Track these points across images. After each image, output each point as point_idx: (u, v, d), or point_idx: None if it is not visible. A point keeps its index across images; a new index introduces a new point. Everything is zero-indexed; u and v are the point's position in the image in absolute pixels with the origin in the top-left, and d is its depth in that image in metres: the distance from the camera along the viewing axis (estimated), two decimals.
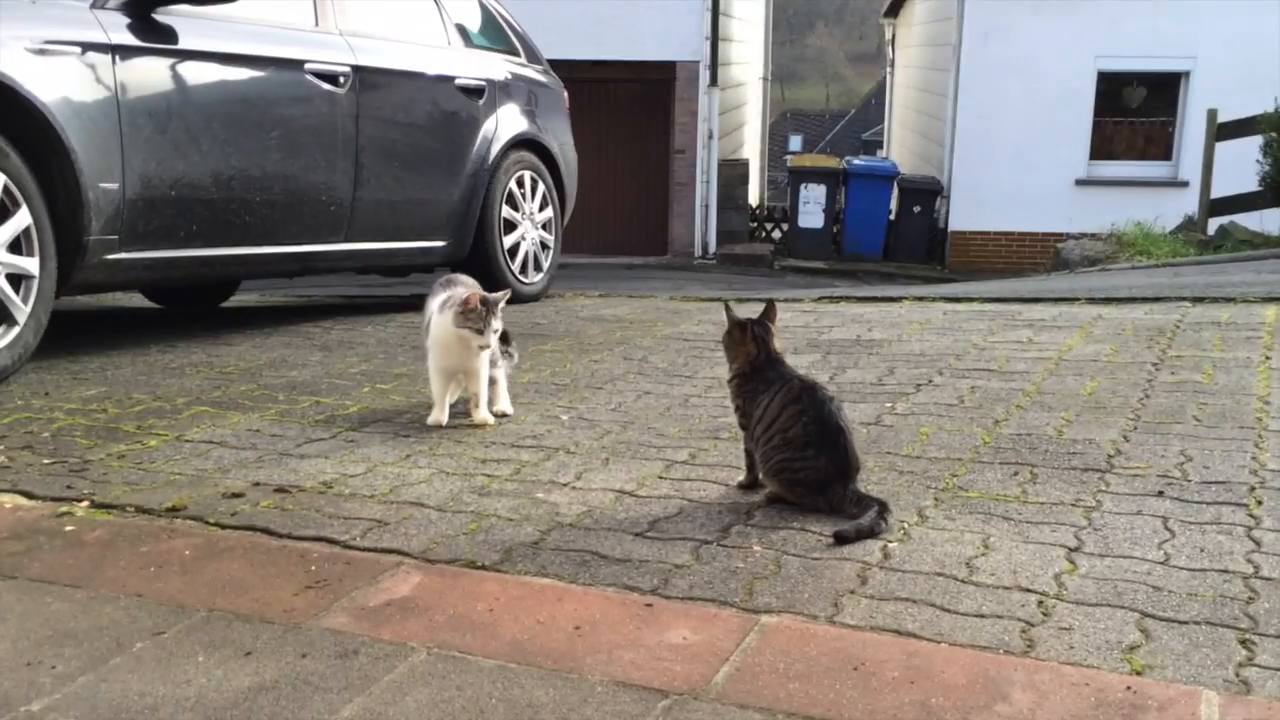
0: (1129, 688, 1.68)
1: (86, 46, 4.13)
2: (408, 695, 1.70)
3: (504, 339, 3.42)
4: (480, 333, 3.11)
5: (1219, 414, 3.22)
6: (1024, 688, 1.68)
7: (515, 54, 6.91)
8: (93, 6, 4.21)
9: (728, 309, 2.69)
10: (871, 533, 2.28)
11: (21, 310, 3.90)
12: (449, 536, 2.34)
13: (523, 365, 4.22)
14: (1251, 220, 11.33)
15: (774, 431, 2.47)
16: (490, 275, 6.42)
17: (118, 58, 4.24)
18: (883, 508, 2.33)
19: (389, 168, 5.64)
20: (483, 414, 3.31)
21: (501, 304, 3.17)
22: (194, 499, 2.62)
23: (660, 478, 2.75)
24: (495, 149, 6.29)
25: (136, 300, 7.10)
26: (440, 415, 3.32)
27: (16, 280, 3.91)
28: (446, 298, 3.27)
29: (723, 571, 2.13)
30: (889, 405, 3.48)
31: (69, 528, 2.42)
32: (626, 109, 17.24)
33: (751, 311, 2.70)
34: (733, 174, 16.89)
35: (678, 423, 3.34)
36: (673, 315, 5.77)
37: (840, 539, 2.26)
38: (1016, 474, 2.71)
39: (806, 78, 64.65)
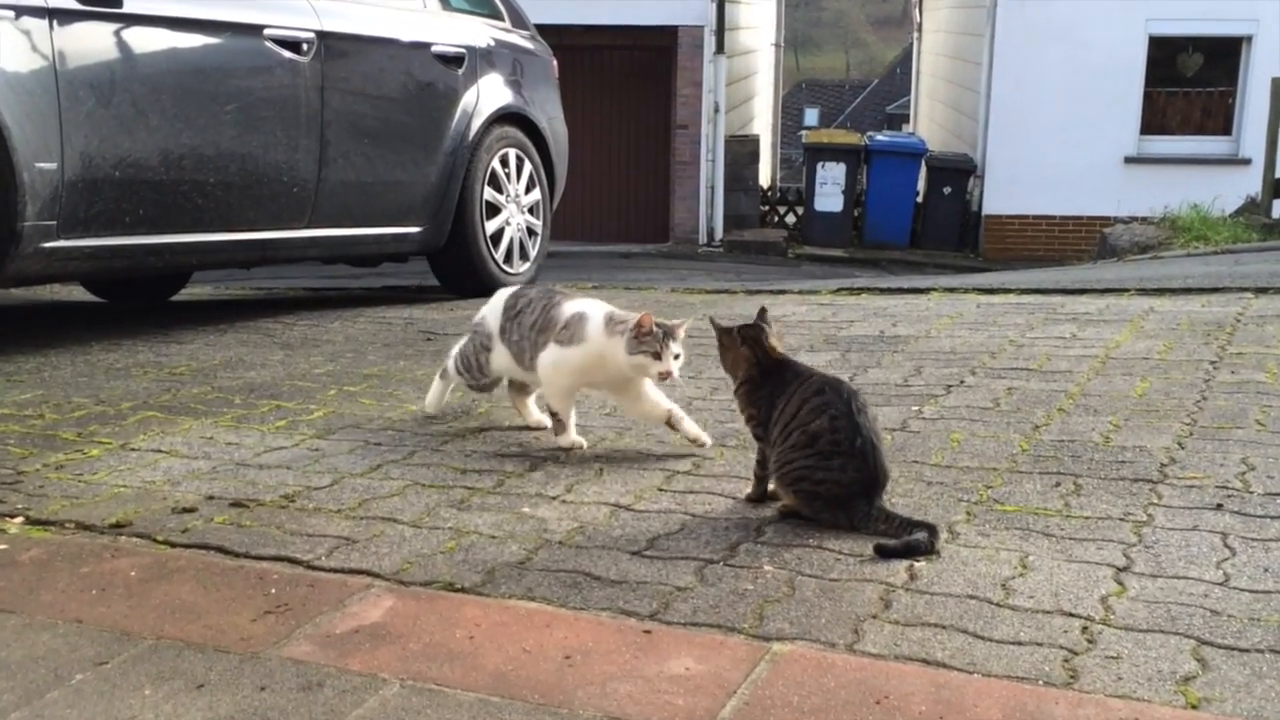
0: None
1: (20, 10, 4.13)
2: None
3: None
4: (659, 357, 2.95)
5: None
6: None
7: (499, 18, 6.91)
8: None
9: (713, 323, 2.70)
10: (920, 550, 2.27)
11: None
12: (424, 556, 2.34)
13: None
14: None
15: (793, 427, 2.45)
16: (470, 265, 6.43)
17: (56, 23, 4.23)
18: (932, 531, 2.31)
19: (357, 145, 5.64)
20: (693, 430, 3.11)
21: (681, 332, 3.01)
22: (140, 514, 2.61)
23: (660, 490, 2.75)
24: (476, 124, 6.29)
25: (77, 294, 7.09)
26: (576, 438, 3.16)
27: None
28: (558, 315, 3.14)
29: (730, 594, 2.12)
30: (915, 409, 3.47)
31: (1, 547, 2.42)
32: (623, 79, 17.25)
33: (750, 313, 2.69)
34: (741, 152, 16.90)
35: None
36: (674, 309, 5.78)
37: (883, 553, 2.26)
38: (1058, 485, 2.71)
39: (824, 44, 64.71)
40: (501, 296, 3.34)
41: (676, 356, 2.97)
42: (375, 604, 2.12)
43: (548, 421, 3.31)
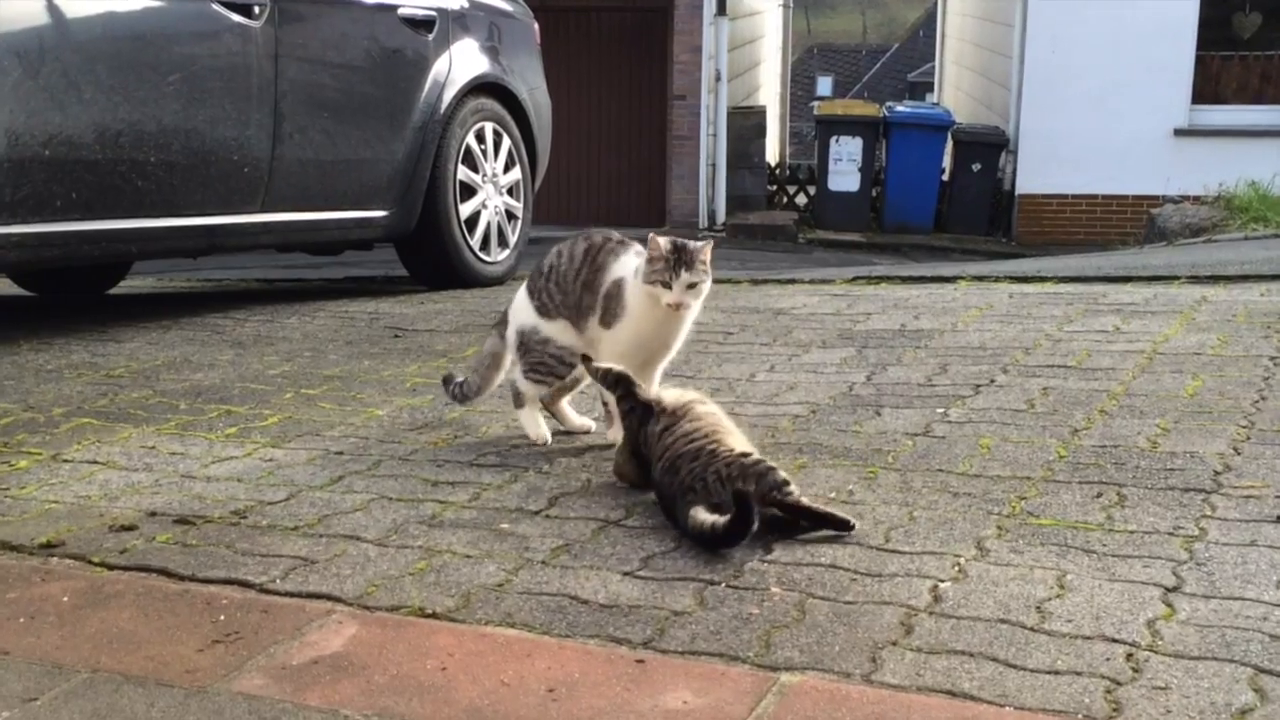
0: None
1: None
2: None
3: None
4: (668, 286, 2.92)
5: None
6: None
7: None
8: None
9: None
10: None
11: None
12: (392, 578, 2.34)
13: None
14: None
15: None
16: (442, 253, 6.43)
17: None
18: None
19: (316, 119, 5.63)
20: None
21: (705, 253, 2.96)
22: (75, 533, 2.61)
23: (655, 504, 2.75)
24: (449, 95, 6.29)
25: (3, 287, 7.08)
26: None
27: None
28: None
29: (733, 619, 2.13)
30: (940, 411, 3.48)
31: None
32: (613, 45, 17.25)
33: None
34: (746, 125, 16.89)
35: None
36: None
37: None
38: (1100, 496, 2.72)
39: (838, 4, 64.74)
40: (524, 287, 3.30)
41: (692, 286, 2.95)
42: (336, 632, 2.12)
43: (591, 425, 3.32)
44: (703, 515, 2.45)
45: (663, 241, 2.92)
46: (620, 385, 2.86)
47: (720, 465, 2.55)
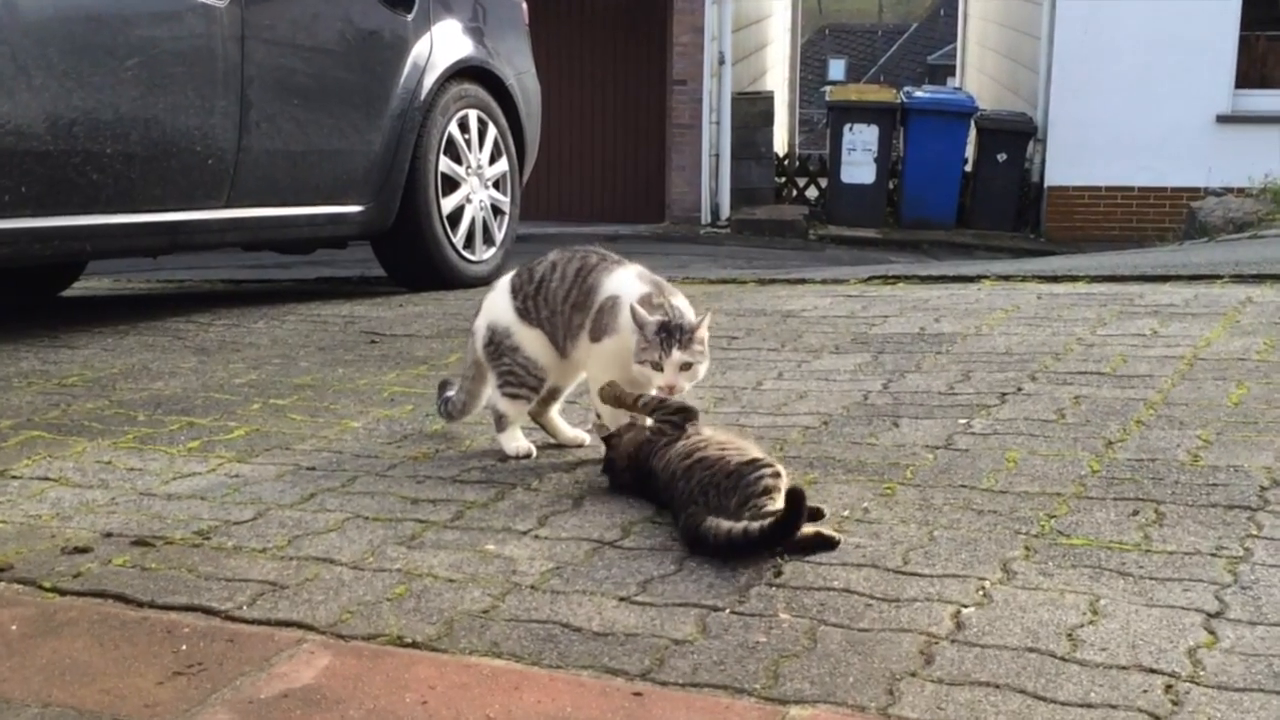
0: None
1: None
2: None
3: None
4: (658, 368, 2.94)
5: None
6: None
7: None
8: None
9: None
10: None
11: None
12: (368, 604, 2.34)
13: None
14: None
15: None
16: (423, 251, 6.42)
17: None
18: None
19: (286, 107, 5.63)
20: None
21: (700, 330, 2.98)
22: (24, 555, 2.61)
23: (654, 522, 2.75)
24: (430, 80, 6.29)
25: None
26: None
27: None
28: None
29: (738, 648, 2.12)
30: (963, 422, 3.48)
31: None
32: (609, 25, 17.27)
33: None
34: (752, 112, 16.92)
35: None
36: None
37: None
38: (1136, 513, 2.72)
39: None
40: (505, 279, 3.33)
41: (686, 367, 2.95)
42: (308, 662, 2.11)
43: (585, 437, 3.33)
44: (724, 522, 2.48)
45: (650, 319, 2.94)
46: (684, 417, 2.91)
47: (722, 477, 2.58)
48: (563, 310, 3.15)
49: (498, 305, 3.27)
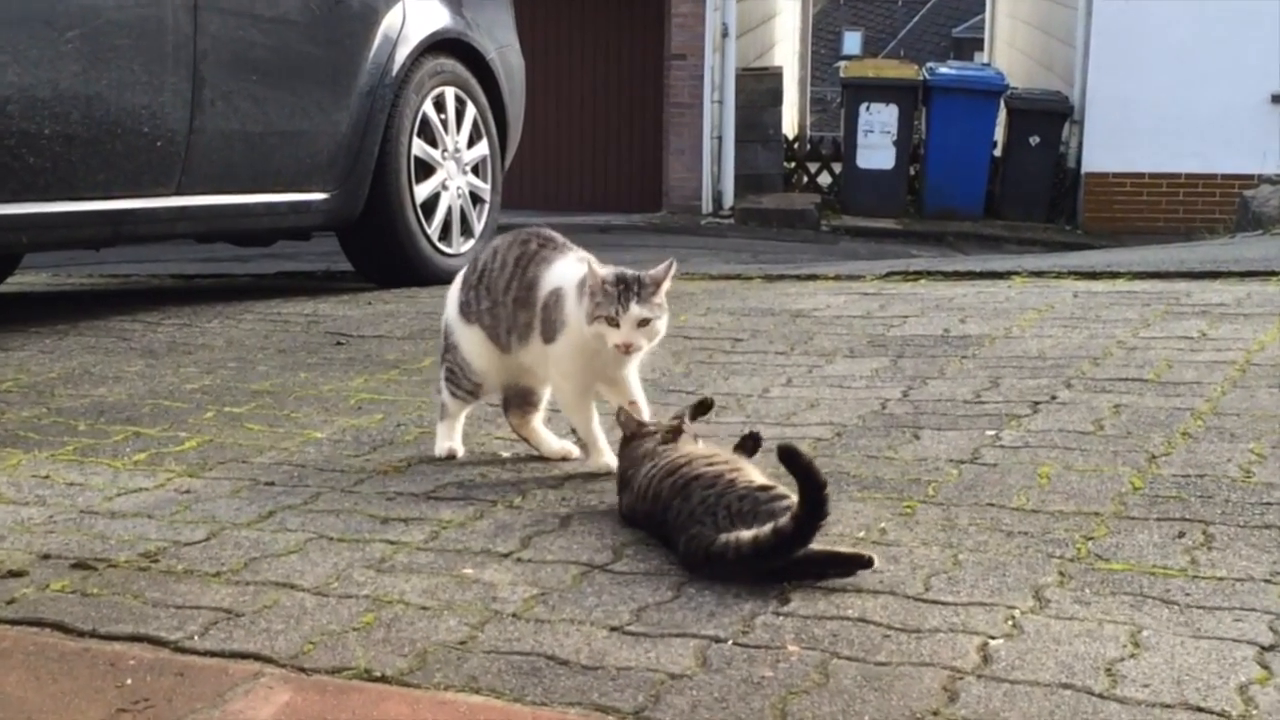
0: None
1: None
2: None
3: None
4: (614, 323, 2.95)
5: None
6: None
7: None
8: None
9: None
10: None
11: None
12: (333, 634, 2.34)
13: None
14: None
15: None
16: (394, 243, 6.41)
17: None
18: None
19: (243, 84, 5.63)
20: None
21: (660, 282, 3.01)
22: None
23: (648, 544, 2.75)
24: (402, 54, 6.29)
25: None
26: (610, 455, 3.17)
27: None
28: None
29: (742, 683, 2.12)
30: (991, 434, 3.48)
31: None
32: None
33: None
34: (758, 90, 16.92)
35: None
36: (669, 301, 5.77)
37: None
38: (1182, 535, 2.72)
39: None
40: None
41: (644, 322, 2.97)
42: (266, 698, 2.11)
43: (573, 450, 3.34)
44: (743, 532, 2.50)
45: (605, 270, 2.95)
46: (700, 411, 3.00)
47: (734, 498, 2.58)
48: (504, 303, 3.18)
49: (450, 298, 3.34)
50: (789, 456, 2.46)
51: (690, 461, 2.72)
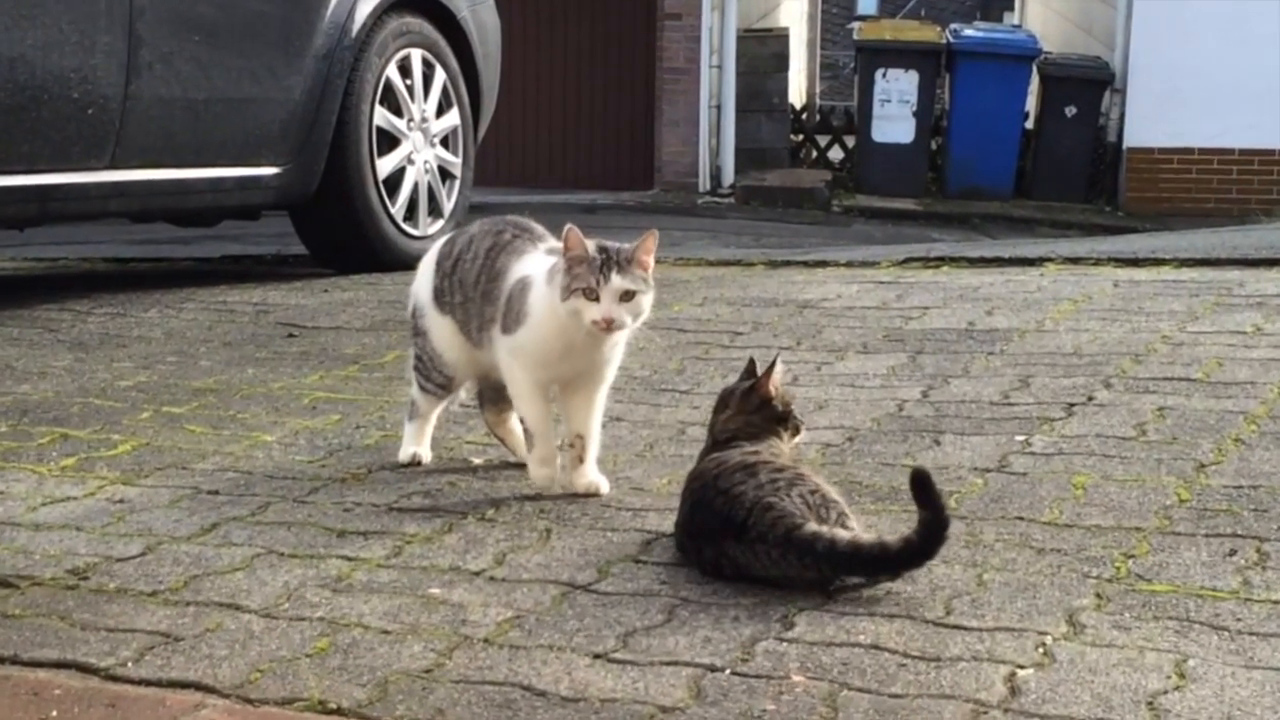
0: None
1: None
2: None
3: None
4: (593, 296, 2.93)
5: None
6: None
7: None
8: None
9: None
10: None
11: None
12: (283, 660, 2.34)
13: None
14: None
15: None
16: (353, 223, 6.40)
17: None
18: None
19: (185, 45, 5.62)
20: (589, 476, 3.18)
21: (644, 252, 3.02)
22: None
23: (637, 561, 2.75)
24: (363, 12, 6.28)
25: None
26: (552, 469, 3.19)
27: None
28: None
29: (740, 717, 2.12)
30: (1021, 439, 3.48)
31: None
32: None
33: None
34: (762, 54, 16.91)
35: (667, 468, 3.34)
36: (661, 289, 5.78)
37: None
38: (1234, 554, 2.72)
39: None
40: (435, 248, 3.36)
41: (627, 296, 2.95)
42: None
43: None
44: (840, 531, 2.55)
45: (584, 239, 2.94)
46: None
47: (805, 490, 2.60)
48: (474, 298, 3.19)
49: (422, 274, 3.35)
50: (921, 483, 2.51)
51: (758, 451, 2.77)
